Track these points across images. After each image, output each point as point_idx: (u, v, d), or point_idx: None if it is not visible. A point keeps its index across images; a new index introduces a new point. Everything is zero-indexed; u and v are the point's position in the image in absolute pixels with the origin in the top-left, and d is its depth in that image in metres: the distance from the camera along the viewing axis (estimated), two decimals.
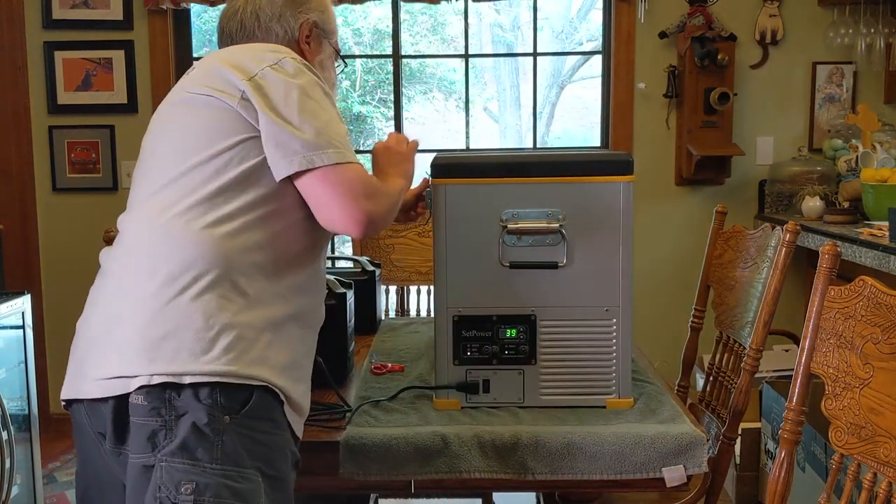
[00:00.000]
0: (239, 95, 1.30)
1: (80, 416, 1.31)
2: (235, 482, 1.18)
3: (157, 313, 1.22)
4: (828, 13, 3.46)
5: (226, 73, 1.32)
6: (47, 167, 3.68)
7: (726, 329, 2.03)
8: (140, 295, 1.24)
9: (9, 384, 2.41)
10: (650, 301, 3.53)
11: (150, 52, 3.62)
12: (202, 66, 1.40)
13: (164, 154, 1.34)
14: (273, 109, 1.29)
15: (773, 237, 1.87)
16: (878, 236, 2.54)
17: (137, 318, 1.23)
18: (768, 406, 2.67)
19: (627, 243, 1.61)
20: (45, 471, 3.14)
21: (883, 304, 1.26)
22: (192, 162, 1.29)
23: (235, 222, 1.27)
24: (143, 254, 1.27)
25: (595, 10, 4.40)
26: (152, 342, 1.21)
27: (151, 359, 1.20)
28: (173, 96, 1.40)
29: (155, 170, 1.34)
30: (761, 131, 3.57)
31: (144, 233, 1.29)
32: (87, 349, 1.31)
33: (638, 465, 1.49)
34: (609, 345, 1.63)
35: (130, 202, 1.38)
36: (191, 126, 1.33)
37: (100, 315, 1.30)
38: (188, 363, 1.19)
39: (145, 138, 1.42)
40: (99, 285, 1.36)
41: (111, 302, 1.29)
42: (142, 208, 1.32)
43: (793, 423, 1.41)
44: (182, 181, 1.29)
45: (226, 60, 1.35)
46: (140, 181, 1.37)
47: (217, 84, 1.32)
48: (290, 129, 1.28)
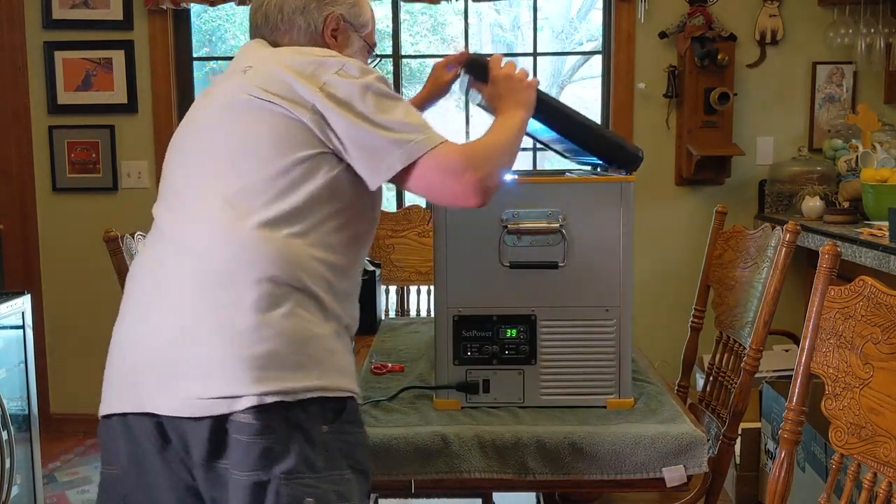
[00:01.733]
0: (310, 108, 1.28)
1: (140, 428, 1.26)
2: (338, 485, 1.24)
3: (251, 331, 1.20)
4: (828, 13, 3.46)
5: (292, 83, 1.30)
6: (47, 167, 3.68)
7: (726, 329, 2.03)
8: (222, 309, 1.21)
9: (9, 384, 2.41)
10: (650, 301, 3.53)
11: (150, 52, 3.62)
12: (263, 68, 1.35)
13: (227, 158, 1.30)
14: (357, 115, 1.29)
15: (773, 237, 1.87)
16: (878, 236, 2.54)
17: (229, 335, 1.20)
18: (768, 406, 2.67)
19: (627, 243, 1.61)
20: (45, 471, 3.14)
21: (883, 304, 1.26)
22: (266, 172, 1.27)
23: (312, 235, 1.28)
24: (221, 264, 1.23)
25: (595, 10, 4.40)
26: (254, 361, 1.19)
27: (257, 378, 1.19)
28: (229, 96, 1.34)
29: (217, 173, 1.30)
30: (761, 131, 3.57)
31: (220, 242, 1.25)
32: (150, 363, 1.25)
33: (638, 465, 1.49)
34: (609, 345, 1.63)
35: (180, 202, 1.32)
36: (257, 133, 1.29)
37: (161, 326, 1.25)
38: (293, 380, 1.21)
39: (187, 131, 1.38)
40: (146, 290, 1.30)
41: (177, 313, 1.24)
42: (207, 214, 1.27)
43: (793, 423, 1.41)
44: (256, 191, 1.26)
45: (289, 67, 1.32)
46: (192, 179, 1.32)
47: (285, 93, 1.29)
48: (378, 132, 1.29)
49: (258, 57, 1.40)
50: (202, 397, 1.19)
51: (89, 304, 3.65)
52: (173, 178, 1.37)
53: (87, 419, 3.71)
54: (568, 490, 1.60)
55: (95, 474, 3.27)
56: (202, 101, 1.42)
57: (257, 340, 1.20)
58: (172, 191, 1.36)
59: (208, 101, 1.39)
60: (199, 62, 4.90)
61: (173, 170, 1.39)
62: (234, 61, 1.45)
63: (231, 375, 1.19)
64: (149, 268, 1.32)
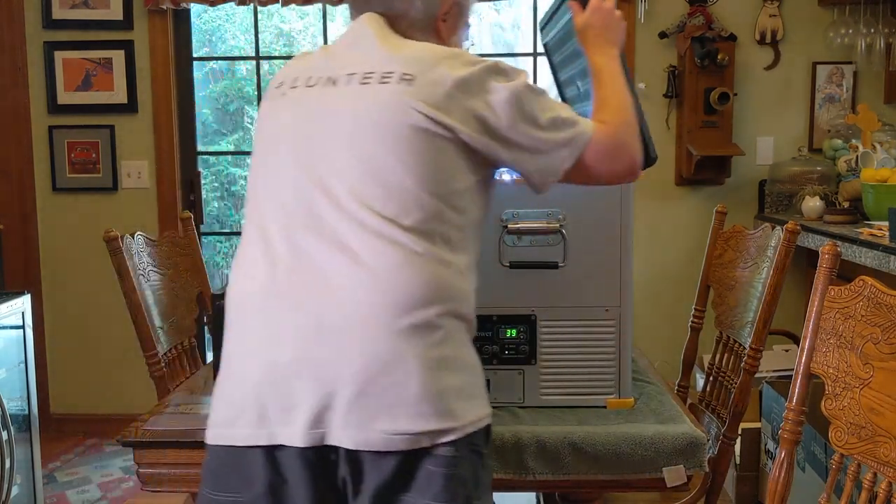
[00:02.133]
0: (477, 126, 1.23)
1: (292, 458, 1.19)
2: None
3: (437, 362, 1.18)
4: (828, 13, 3.46)
5: (462, 100, 1.22)
6: (47, 167, 3.68)
7: (726, 329, 2.03)
8: (411, 340, 1.17)
9: (9, 384, 2.41)
10: (650, 301, 3.53)
11: (150, 52, 3.62)
12: (424, 79, 1.22)
13: (394, 186, 1.20)
14: (528, 125, 1.26)
15: (773, 237, 1.87)
16: (878, 236, 2.54)
17: (425, 367, 1.16)
18: (768, 406, 2.67)
19: (627, 243, 1.61)
20: (45, 471, 3.14)
21: (883, 304, 1.26)
22: (435, 202, 1.21)
23: (463, 258, 1.25)
24: (390, 290, 1.17)
25: None
26: (449, 393, 1.18)
27: (454, 410, 1.18)
28: (391, 113, 1.21)
29: (379, 198, 1.19)
30: (761, 131, 3.57)
31: (392, 266, 1.17)
32: (327, 394, 1.16)
33: (638, 465, 1.49)
34: (609, 345, 1.63)
35: (332, 228, 1.20)
36: (427, 161, 1.20)
37: (340, 358, 1.17)
38: (477, 408, 1.22)
39: (312, 140, 1.26)
40: (304, 318, 1.18)
41: (360, 344, 1.16)
42: (379, 243, 1.18)
43: (793, 423, 1.41)
44: (425, 219, 1.20)
45: (454, 81, 1.22)
46: (347, 202, 1.20)
47: (456, 114, 1.21)
48: (546, 136, 1.27)
49: (389, 50, 1.27)
50: (401, 432, 1.15)
51: (89, 304, 3.65)
52: (310, 196, 1.23)
53: (87, 419, 3.72)
54: (568, 490, 1.60)
55: (95, 474, 3.27)
56: (324, 97, 1.27)
57: (447, 372, 1.19)
58: (310, 213, 1.22)
59: (342, 101, 1.25)
60: (199, 62, 4.90)
61: (303, 185, 1.24)
62: (350, 40, 1.33)
63: (431, 410, 1.16)
64: (301, 293, 1.20)
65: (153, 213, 3.68)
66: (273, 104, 1.34)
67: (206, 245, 5.48)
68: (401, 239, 1.18)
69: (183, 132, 3.73)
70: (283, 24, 5.79)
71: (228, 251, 6.13)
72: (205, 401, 1.68)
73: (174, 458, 1.47)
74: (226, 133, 5.98)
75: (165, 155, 3.66)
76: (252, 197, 1.31)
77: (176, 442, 1.47)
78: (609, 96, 1.40)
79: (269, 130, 1.33)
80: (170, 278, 2.15)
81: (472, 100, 1.23)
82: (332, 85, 1.28)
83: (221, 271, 6.03)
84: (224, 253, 6.11)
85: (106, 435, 3.63)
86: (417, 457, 1.17)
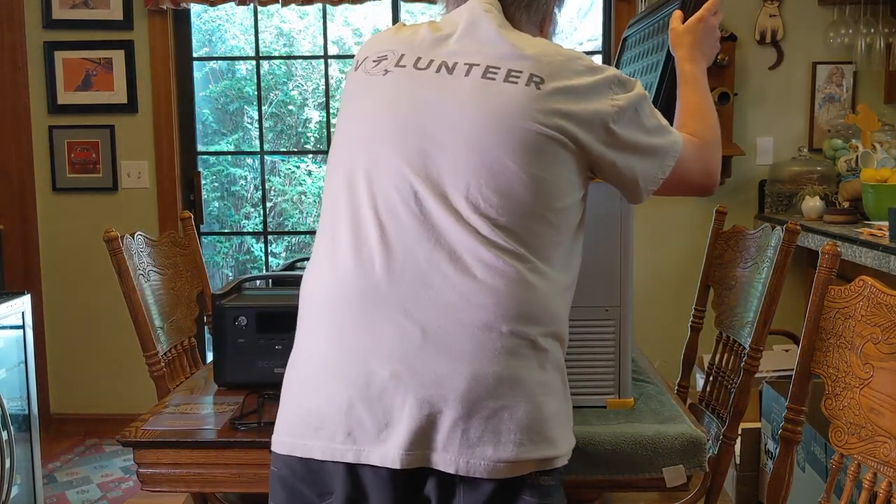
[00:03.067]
0: (600, 135, 1.17)
1: (375, 475, 1.11)
2: None
3: (541, 386, 1.13)
4: (828, 13, 3.46)
5: (581, 101, 1.16)
6: (47, 167, 3.68)
7: (726, 329, 2.03)
8: (518, 362, 1.11)
9: (9, 384, 2.41)
10: (650, 301, 3.53)
11: (150, 52, 3.62)
12: (553, 83, 1.14)
13: (511, 199, 1.12)
14: (639, 129, 1.21)
15: (773, 237, 1.87)
16: (878, 236, 2.54)
17: (522, 392, 1.11)
18: (768, 406, 2.67)
19: (627, 243, 1.61)
20: (45, 471, 3.14)
21: (883, 304, 1.26)
22: (549, 217, 1.15)
23: (563, 282, 1.20)
24: (501, 307, 1.10)
25: (595, 9, 4.40)
26: (552, 419, 1.14)
27: (555, 438, 1.14)
28: (516, 116, 1.12)
29: (495, 209, 1.11)
30: (761, 131, 3.57)
31: (504, 282, 1.10)
32: (424, 417, 1.09)
33: (638, 465, 1.49)
34: (609, 345, 1.63)
35: (441, 231, 1.11)
36: (549, 173, 1.14)
37: (415, 363, 1.08)
38: (569, 437, 1.19)
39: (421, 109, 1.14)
40: (385, 313, 1.10)
41: (468, 364, 1.08)
42: (478, 241, 1.10)
43: (793, 423, 1.41)
44: (532, 229, 1.13)
45: (585, 88, 1.16)
46: (457, 209, 1.11)
47: (577, 114, 1.15)
48: (652, 142, 1.23)
49: (514, 45, 1.17)
50: (504, 460, 1.09)
51: (89, 304, 3.66)
52: (417, 192, 1.12)
53: (87, 419, 3.72)
54: (567, 490, 1.59)
55: (95, 474, 3.27)
56: (438, 85, 1.15)
57: (549, 397, 1.14)
58: (417, 211, 1.12)
59: (462, 94, 1.14)
60: (199, 62, 4.91)
61: (409, 179, 1.13)
62: (466, 23, 1.20)
63: (537, 437, 1.11)
64: (405, 299, 1.10)
65: (153, 213, 3.68)
66: (372, 80, 1.20)
67: (206, 245, 5.48)
68: (513, 253, 1.11)
69: (183, 132, 3.73)
70: (283, 24, 5.79)
71: (228, 251, 6.13)
72: (205, 401, 1.68)
73: (174, 458, 1.46)
74: (226, 133, 5.98)
75: (165, 155, 3.66)
76: (338, 182, 1.18)
77: (176, 442, 1.46)
78: (703, 106, 1.38)
79: (366, 109, 1.19)
80: (170, 278, 2.15)
81: (598, 108, 1.17)
82: (447, 72, 1.16)
83: (221, 271, 6.03)
84: (224, 253, 6.11)
85: (106, 435, 3.63)
86: (515, 485, 1.11)
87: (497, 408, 1.09)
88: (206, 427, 1.51)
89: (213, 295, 1.74)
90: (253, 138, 5.71)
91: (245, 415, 1.53)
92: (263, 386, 1.66)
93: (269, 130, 5.82)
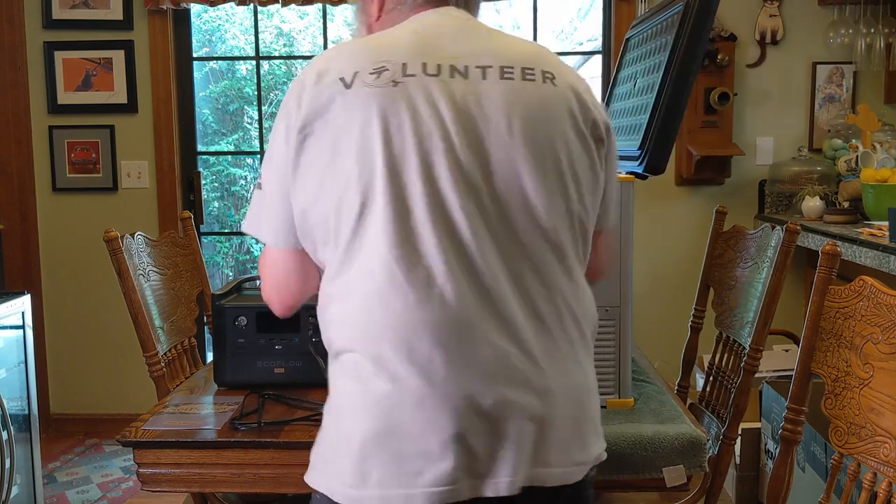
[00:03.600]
0: (599, 150, 1.17)
1: None
2: None
3: (595, 382, 1.15)
4: (828, 13, 3.46)
5: (589, 97, 1.16)
6: (47, 167, 3.68)
7: (726, 329, 2.03)
8: (588, 361, 1.13)
9: (9, 384, 2.41)
10: (650, 301, 3.53)
11: (150, 52, 3.62)
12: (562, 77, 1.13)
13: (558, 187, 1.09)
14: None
15: (773, 237, 1.87)
16: (878, 236, 2.54)
17: (595, 390, 1.14)
18: (768, 406, 2.67)
19: (627, 243, 1.61)
20: (45, 471, 3.14)
21: (883, 304, 1.26)
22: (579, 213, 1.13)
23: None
24: (583, 320, 1.12)
25: (595, 10, 4.40)
26: (599, 416, 1.16)
27: (599, 434, 1.15)
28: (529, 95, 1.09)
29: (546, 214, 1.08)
30: (761, 131, 3.57)
31: (577, 293, 1.12)
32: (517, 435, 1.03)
33: (638, 465, 1.49)
34: (609, 345, 1.63)
35: (507, 238, 1.06)
36: (584, 187, 1.13)
37: (516, 388, 1.03)
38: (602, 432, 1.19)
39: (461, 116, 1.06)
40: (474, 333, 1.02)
41: (565, 365, 1.08)
42: (554, 253, 1.09)
43: (793, 423, 1.41)
44: (578, 229, 1.13)
45: (592, 103, 1.16)
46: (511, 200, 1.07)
47: (590, 110, 1.15)
48: None
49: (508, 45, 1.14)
50: (579, 462, 1.09)
51: (89, 304, 3.66)
52: (489, 206, 1.06)
53: (87, 419, 3.72)
54: None
55: (95, 474, 3.27)
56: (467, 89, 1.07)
57: (597, 393, 1.16)
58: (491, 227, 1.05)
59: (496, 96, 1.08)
60: (199, 62, 4.91)
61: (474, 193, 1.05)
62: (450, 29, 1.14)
63: (596, 432, 1.14)
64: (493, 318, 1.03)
65: (153, 213, 3.68)
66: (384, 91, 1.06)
67: (206, 245, 5.48)
68: (577, 258, 1.13)
69: (183, 132, 3.73)
70: (283, 24, 5.79)
71: (228, 251, 6.13)
72: (205, 401, 1.68)
73: (174, 458, 1.46)
74: (226, 133, 5.98)
75: (165, 155, 3.66)
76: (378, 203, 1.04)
77: (176, 442, 1.46)
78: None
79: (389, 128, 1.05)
80: (170, 278, 2.15)
81: (598, 105, 1.17)
82: (462, 76, 1.08)
83: (221, 271, 6.03)
84: (224, 253, 6.11)
85: (106, 435, 3.63)
86: (582, 484, 1.10)
87: (581, 418, 1.11)
88: (206, 427, 1.51)
89: (213, 295, 1.74)
90: (253, 138, 5.72)
91: (245, 415, 1.53)
92: (263, 386, 1.66)
93: (268, 130, 5.82)
